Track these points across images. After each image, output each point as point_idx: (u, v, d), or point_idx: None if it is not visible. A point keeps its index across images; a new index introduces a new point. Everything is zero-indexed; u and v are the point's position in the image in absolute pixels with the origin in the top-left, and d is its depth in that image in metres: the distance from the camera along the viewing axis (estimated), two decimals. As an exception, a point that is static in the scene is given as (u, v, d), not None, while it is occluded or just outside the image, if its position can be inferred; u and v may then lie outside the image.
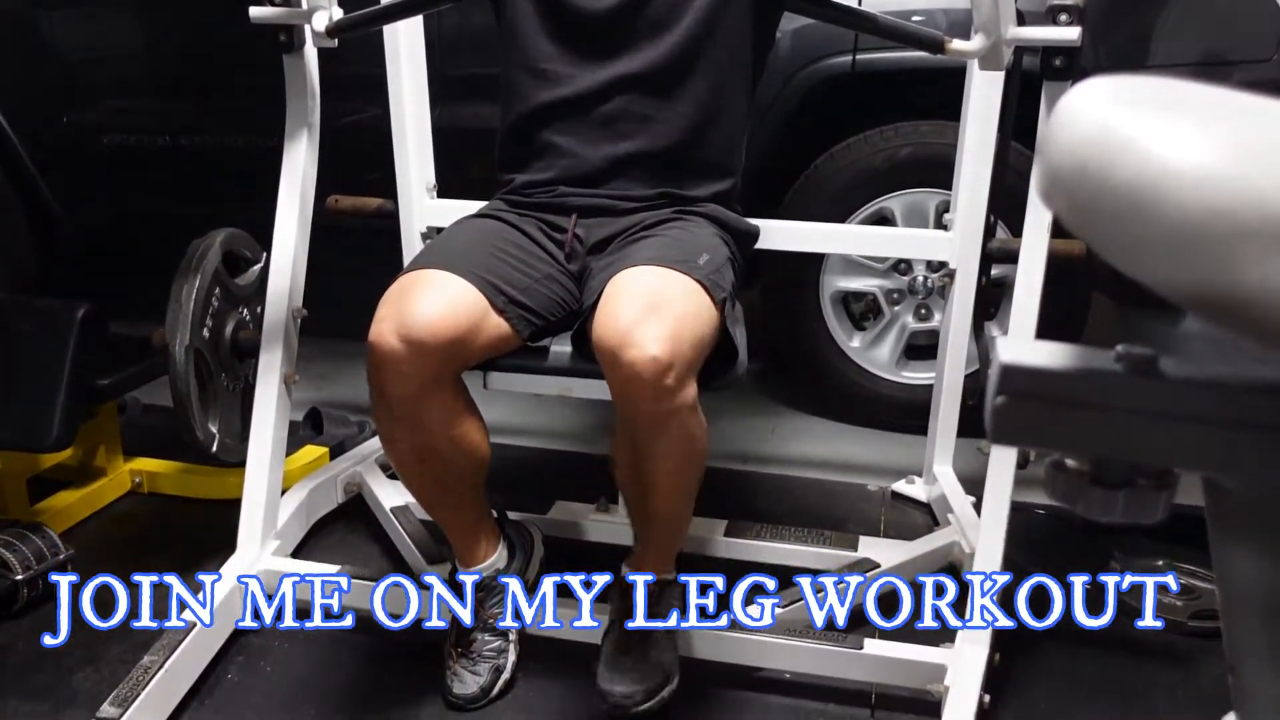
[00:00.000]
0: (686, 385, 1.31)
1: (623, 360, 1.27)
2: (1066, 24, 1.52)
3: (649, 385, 1.27)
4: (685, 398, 1.31)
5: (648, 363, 1.26)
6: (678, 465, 1.40)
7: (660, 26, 1.52)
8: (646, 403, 1.29)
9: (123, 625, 1.75)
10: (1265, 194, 0.35)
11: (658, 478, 1.41)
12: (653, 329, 1.28)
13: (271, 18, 1.72)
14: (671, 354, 1.27)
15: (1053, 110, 0.43)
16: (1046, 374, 0.46)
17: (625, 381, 1.29)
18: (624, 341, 1.27)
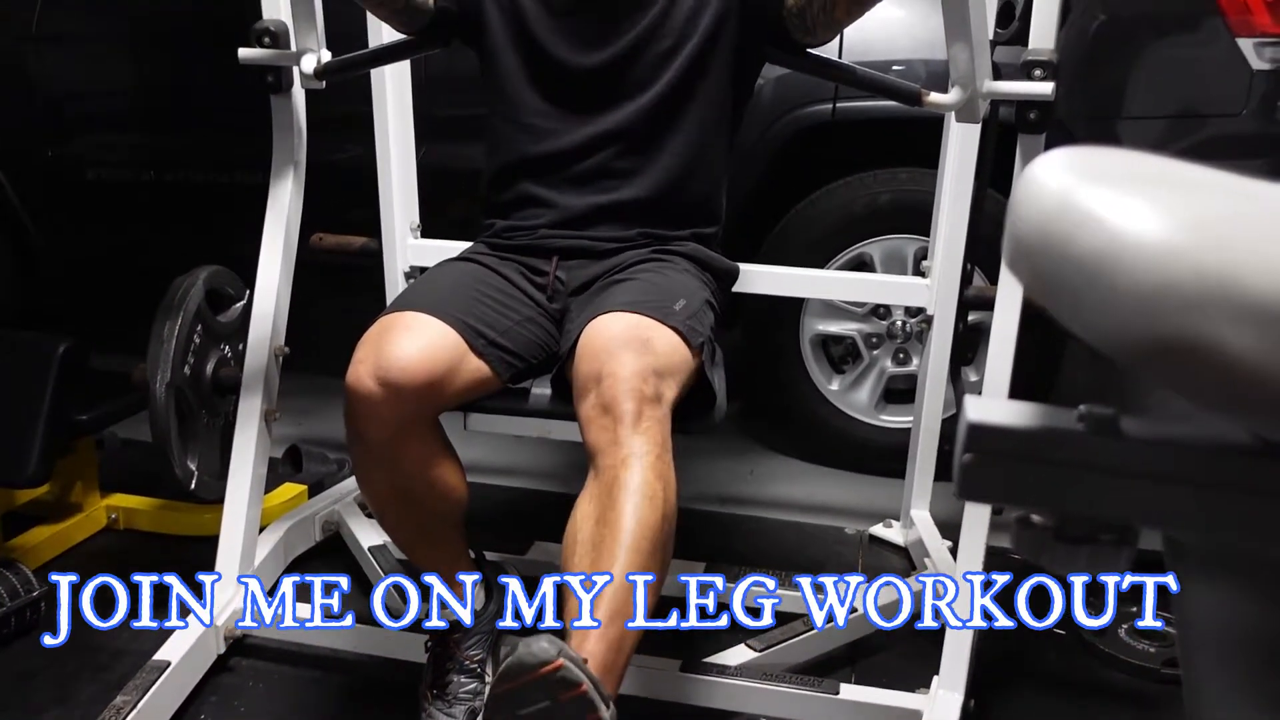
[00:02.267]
0: (659, 412, 1.29)
1: (597, 390, 1.27)
2: (1041, 79, 1.56)
3: (621, 402, 1.26)
4: (657, 430, 1.28)
5: (623, 381, 1.26)
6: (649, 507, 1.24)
7: (643, 83, 1.55)
8: (619, 425, 1.26)
9: (97, 663, 1.74)
10: (1214, 267, 0.37)
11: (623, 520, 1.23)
12: (629, 358, 1.29)
13: (260, 59, 1.74)
14: (644, 378, 1.27)
15: (1017, 182, 0.45)
16: (1011, 433, 0.48)
17: (599, 410, 1.27)
18: (602, 368, 1.28)
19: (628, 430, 1.26)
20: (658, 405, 1.29)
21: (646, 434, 1.27)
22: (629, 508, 1.23)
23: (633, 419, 1.26)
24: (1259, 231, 0.38)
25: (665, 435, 1.30)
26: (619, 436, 1.26)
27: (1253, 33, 2.22)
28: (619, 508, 1.23)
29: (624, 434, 1.26)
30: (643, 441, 1.26)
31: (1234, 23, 2.21)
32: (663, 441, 1.29)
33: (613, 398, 1.26)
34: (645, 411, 1.27)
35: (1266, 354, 0.36)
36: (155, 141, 2.88)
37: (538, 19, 1.57)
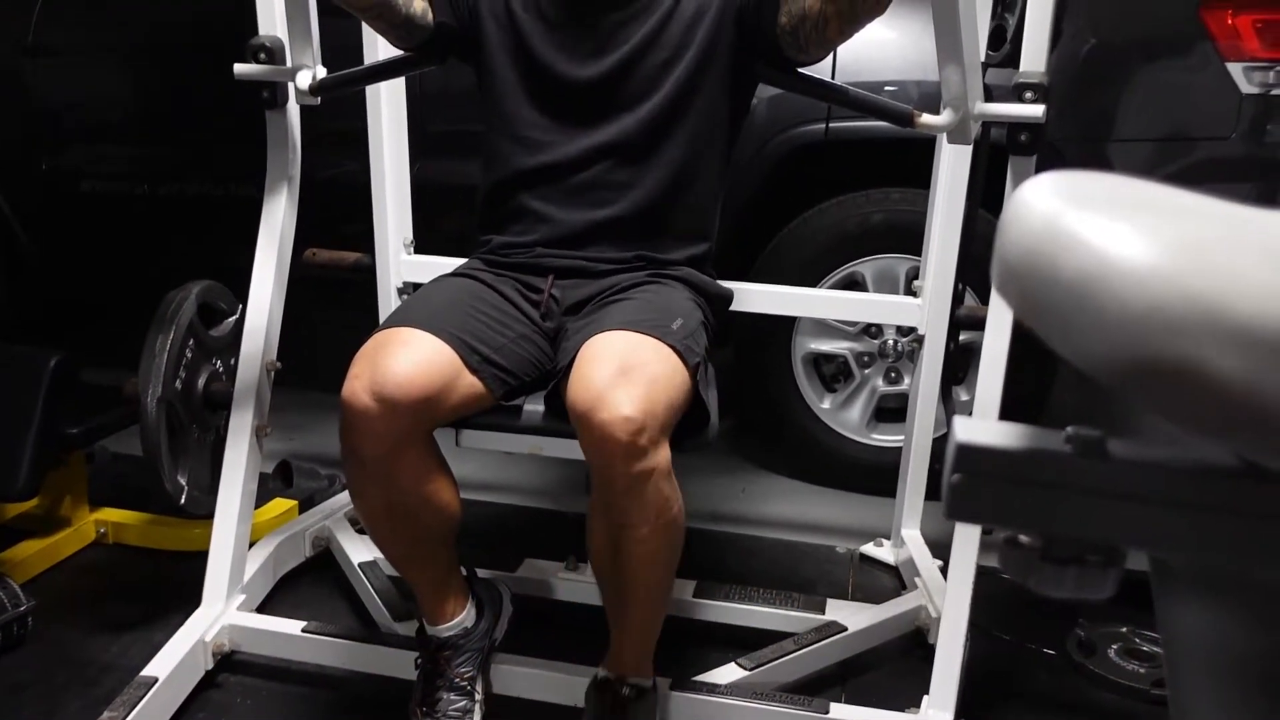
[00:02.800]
0: (660, 446, 1.32)
1: (596, 421, 1.28)
2: (1032, 101, 1.57)
3: (622, 445, 1.28)
4: (659, 459, 1.32)
5: (621, 423, 1.27)
6: (653, 531, 1.37)
7: (640, 96, 1.56)
8: (620, 463, 1.30)
9: (86, 678, 1.73)
10: (1199, 292, 0.37)
11: (633, 547, 1.39)
12: (626, 391, 1.29)
13: (256, 75, 1.75)
14: (644, 415, 1.28)
15: (1006, 206, 0.46)
16: (999, 454, 0.48)
17: (599, 442, 1.29)
18: (597, 403, 1.29)
19: (632, 459, 1.29)
20: (657, 430, 1.31)
21: (650, 459, 1.31)
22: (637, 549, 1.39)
23: (633, 446, 1.29)
24: (1244, 256, 0.39)
25: (667, 459, 1.35)
26: (624, 468, 1.30)
27: (1241, 57, 2.24)
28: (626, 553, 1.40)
29: (629, 464, 1.30)
30: (646, 469, 1.31)
31: (1223, 47, 2.23)
32: (666, 464, 1.34)
33: (613, 425, 1.28)
34: (645, 438, 1.29)
35: (1251, 378, 0.36)
36: (150, 154, 2.88)
37: (534, 32, 1.58)
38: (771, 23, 1.49)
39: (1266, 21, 2.25)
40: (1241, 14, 2.24)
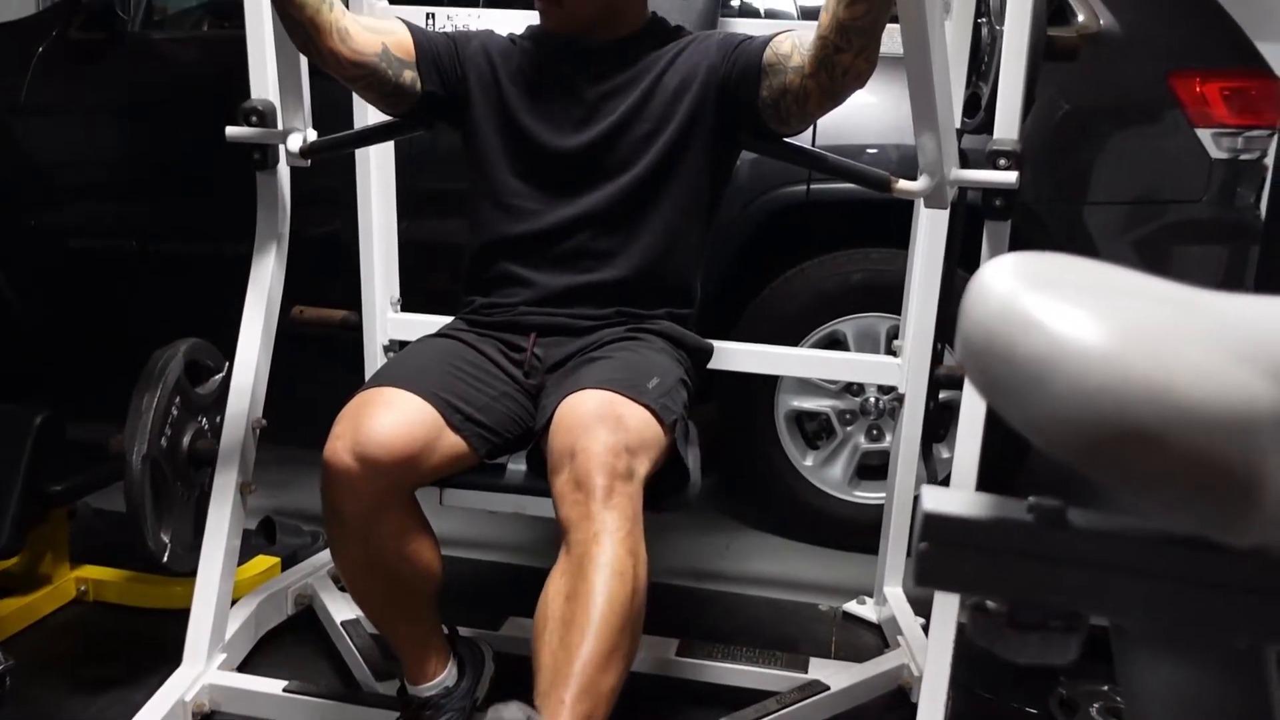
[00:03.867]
0: (633, 480, 1.32)
1: (570, 466, 1.30)
2: (1005, 168, 1.61)
3: (598, 458, 1.28)
4: (632, 487, 1.31)
5: (595, 456, 1.29)
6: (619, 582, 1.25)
7: (623, 166, 1.59)
8: (597, 475, 1.28)
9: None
10: (1146, 373, 0.39)
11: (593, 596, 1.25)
12: (602, 434, 1.31)
13: (247, 138, 1.78)
14: (616, 453, 1.30)
15: (969, 285, 0.48)
16: (965, 523, 0.50)
17: (571, 485, 1.29)
18: (575, 444, 1.31)
19: (599, 505, 1.28)
20: (629, 481, 1.31)
21: (618, 509, 1.29)
22: (599, 583, 1.25)
23: (604, 494, 1.28)
24: (1189, 340, 0.41)
25: (637, 510, 1.32)
26: (590, 511, 1.28)
27: (1210, 123, 2.30)
28: (589, 583, 1.25)
29: (595, 509, 1.28)
30: (614, 517, 1.28)
31: (1192, 114, 2.29)
32: (634, 516, 1.31)
33: (585, 473, 1.29)
34: (617, 487, 1.29)
35: (1195, 457, 0.38)
36: (138, 211, 2.90)
37: (520, 103, 1.62)
38: (753, 96, 1.53)
39: (1233, 89, 2.32)
40: (1209, 82, 2.31)
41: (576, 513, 1.29)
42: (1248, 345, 0.41)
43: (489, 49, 1.65)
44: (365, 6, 2.01)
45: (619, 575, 1.25)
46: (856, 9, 1.35)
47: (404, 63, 1.58)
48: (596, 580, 1.25)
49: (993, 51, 1.76)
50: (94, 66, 2.85)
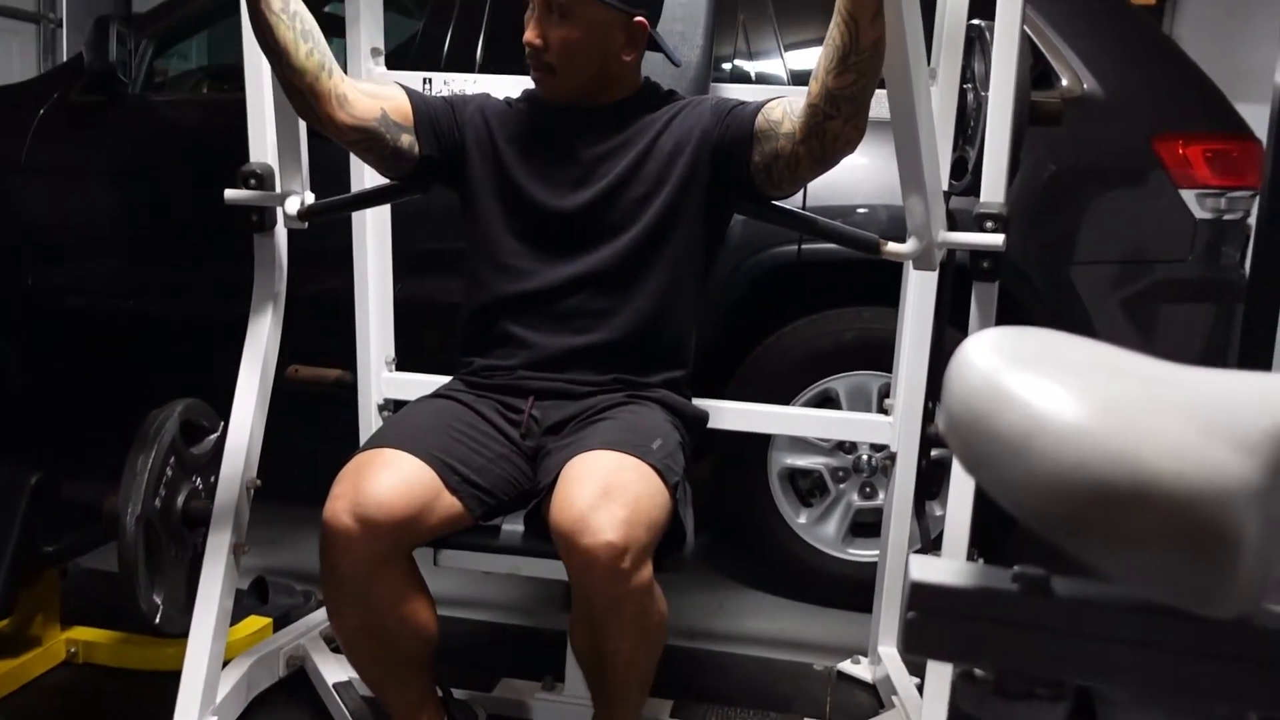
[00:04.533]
0: (643, 568, 1.36)
1: (579, 545, 1.31)
2: (992, 230, 1.64)
3: (605, 569, 1.31)
4: (641, 579, 1.35)
5: (604, 547, 1.30)
6: (634, 644, 1.43)
7: (619, 228, 1.61)
8: (603, 585, 1.33)
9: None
10: (1121, 450, 0.41)
11: (615, 656, 1.44)
12: (608, 514, 1.32)
13: (246, 200, 1.80)
14: (627, 538, 1.31)
15: (952, 360, 0.50)
16: (951, 592, 0.51)
17: (582, 565, 1.33)
18: (581, 526, 1.32)
19: (615, 577, 1.32)
20: (640, 550, 1.35)
21: (632, 579, 1.34)
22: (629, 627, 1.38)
23: (617, 565, 1.32)
24: (1162, 417, 0.42)
25: (650, 578, 1.38)
26: (606, 584, 1.33)
27: (1194, 184, 2.34)
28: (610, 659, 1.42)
29: (611, 582, 1.33)
30: (630, 588, 1.34)
31: (1175, 175, 2.33)
32: (648, 580, 1.37)
33: (596, 546, 1.31)
34: (628, 557, 1.32)
35: (1171, 531, 0.40)
36: (135, 271, 2.92)
37: (516, 164, 1.64)
38: (745, 161, 1.56)
39: (1215, 151, 2.37)
40: (1192, 144, 2.35)
41: (591, 586, 1.36)
42: (1219, 420, 0.43)
43: (486, 112, 1.68)
44: (364, 72, 2.05)
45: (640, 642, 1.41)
46: (845, 78, 1.38)
47: (402, 127, 1.61)
48: (616, 659, 1.43)
49: (978, 116, 1.80)
50: (94, 129, 2.88)
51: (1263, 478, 0.40)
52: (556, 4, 1.56)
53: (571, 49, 1.58)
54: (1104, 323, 2.42)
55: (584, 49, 1.59)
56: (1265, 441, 0.41)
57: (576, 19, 1.57)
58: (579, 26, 1.57)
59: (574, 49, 1.58)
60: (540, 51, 1.59)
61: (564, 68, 1.60)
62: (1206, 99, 2.48)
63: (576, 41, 1.58)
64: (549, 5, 1.57)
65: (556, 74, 1.61)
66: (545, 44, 1.58)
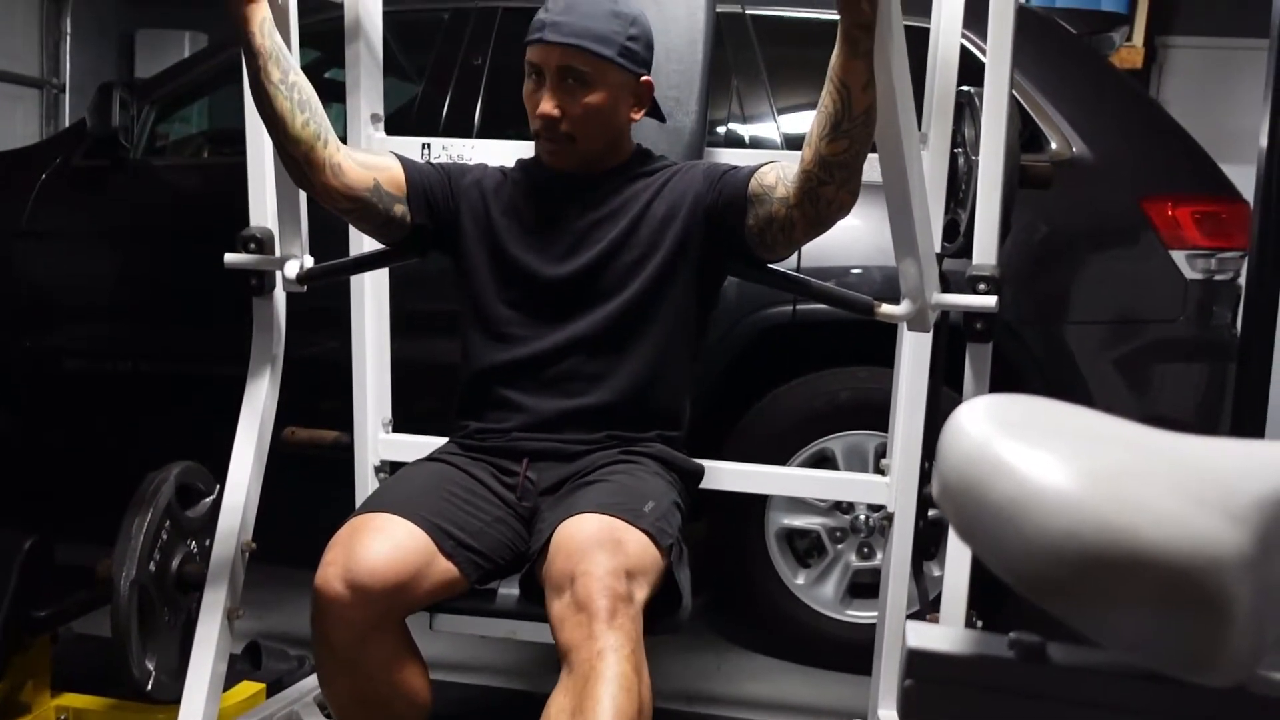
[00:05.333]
0: (632, 610, 1.32)
1: (573, 583, 1.30)
2: (985, 292, 1.66)
3: (596, 599, 1.29)
4: (630, 627, 1.31)
5: (597, 579, 1.29)
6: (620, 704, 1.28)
7: (611, 293, 1.62)
8: (594, 621, 1.29)
9: None
10: (1110, 519, 0.41)
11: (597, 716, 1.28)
12: (602, 557, 1.32)
13: (246, 264, 1.82)
14: (617, 576, 1.31)
15: (944, 428, 0.50)
16: (948, 659, 0.51)
17: (573, 603, 1.30)
18: (576, 568, 1.31)
19: (602, 626, 1.29)
20: (630, 604, 1.32)
21: (621, 630, 1.30)
22: (606, 699, 1.25)
23: (607, 615, 1.29)
24: (1151, 485, 0.43)
25: (638, 632, 1.33)
26: (594, 632, 1.29)
27: (1184, 245, 2.37)
28: (595, 699, 1.25)
29: (599, 629, 1.29)
30: (617, 637, 1.29)
31: (1165, 237, 2.36)
32: (636, 638, 1.32)
33: (587, 595, 1.29)
34: (619, 609, 1.30)
35: (1162, 600, 0.40)
36: (134, 333, 2.93)
37: (510, 234, 1.66)
38: (739, 225, 1.57)
39: (1204, 213, 2.40)
40: (1180, 206, 2.38)
41: (579, 634, 1.30)
42: (1209, 489, 0.43)
43: (482, 183, 1.70)
44: (364, 138, 2.07)
45: (626, 690, 1.25)
46: (838, 144, 1.41)
47: (395, 197, 1.63)
48: (603, 695, 1.24)
49: (969, 180, 1.83)
50: (95, 193, 2.91)
51: (1252, 545, 0.41)
52: (576, 72, 1.57)
53: (592, 116, 1.60)
54: (1098, 382, 2.44)
55: (604, 114, 1.61)
56: (1254, 509, 0.42)
57: (598, 85, 1.58)
58: (600, 92, 1.59)
59: (595, 115, 1.60)
60: (557, 122, 1.59)
61: (583, 135, 1.61)
62: (1194, 161, 2.52)
63: (598, 108, 1.59)
64: (565, 74, 1.57)
65: (576, 142, 1.61)
66: (563, 114, 1.59)
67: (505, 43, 2.65)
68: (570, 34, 1.55)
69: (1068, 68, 2.60)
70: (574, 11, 1.57)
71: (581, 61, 1.56)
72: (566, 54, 1.56)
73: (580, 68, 1.57)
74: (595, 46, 1.56)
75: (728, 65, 2.56)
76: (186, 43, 5.09)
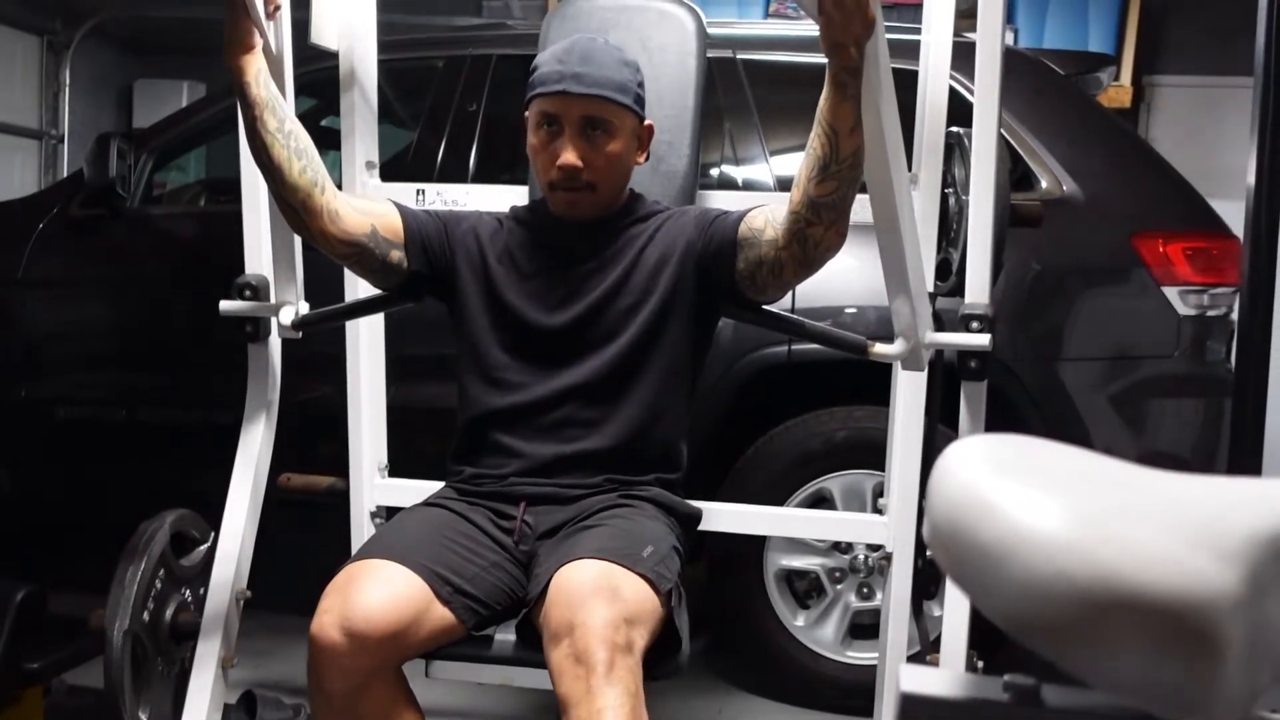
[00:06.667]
0: (631, 661, 1.32)
1: (572, 632, 1.29)
2: (978, 331, 1.66)
3: (594, 652, 1.28)
4: (629, 679, 1.30)
5: (595, 631, 1.28)
6: None
7: (606, 340, 1.63)
8: (592, 675, 1.28)
9: None
10: (1099, 560, 0.41)
11: None
12: (600, 607, 1.31)
13: (241, 311, 1.82)
14: (615, 626, 1.30)
15: (935, 468, 0.50)
16: (942, 703, 0.51)
17: (571, 655, 1.29)
18: (574, 617, 1.30)
19: (601, 680, 1.28)
20: (629, 654, 1.31)
21: (620, 684, 1.29)
22: None
23: (605, 668, 1.28)
24: (1141, 527, 0.43)
25: (638, 684, 1.32)
26: (592, 686, 1.28)
27: (1175, 281, 2.38)
28: None
29: (597, 684, 1.28)
30: (617, 693, 1.28)
31: (1158, 273, 2.37)
32: (636, 692, 1.31)
33: (585, 647, 1.29)
34: (618, 660, 1.29)
35: (1153, 642, 0.40)
36: (129, 381, 2.93)
37: (506, 282, 1.67)
38: (730, 268, 1.58)
39: (1195, 249, 2.41)
40: (1171, 243, 2.40)
41: (578, 689, 1.29)
42: (1200, 529, 0.43)
43: (479, 231, 1.71)
44: (359, 184, 2.09)
45: None
46: (826, 186, 1.42)
47: (392, 243, 1.64)
48: None
49: (960, 219, 1.84)
50: (92, 242, 2.93)
51: (1243, 586, 0.41)
52: (602, 122, 1.59)
53: (615, 164, 1.62)
54: (1095, 419, 2.44)
55: (624, 161, 1.64)
56: (1245, 549, 0.42)
57: (619, 133, 1.61)
58: (621, 138, 1.61)
59: (617, 163, 1.62)
60: (580, 172, 1.60)
61: (604, 183, 1.63)
62: (1183, 198, 2.54)
63: (620, 155, 1.62)
64: (590, 124, 1.59)
65: (597, 190, 1.63)
66: (586, 164, 1.60)
67: (499, 90, 2.67)
68: (594, 85, 1.57)
69: (1057, 108, 2.63)
70: (592, 62, 1.59)
71: (607, 111, 1.59)
72: (592, 104, 1.58)
73: (606, 117, 1.59)
74: (617, 96, 1.59)
75: (720, 109, 2.59)
76: (185, 92, 5.14)
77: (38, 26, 4.96)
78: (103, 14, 4.99)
